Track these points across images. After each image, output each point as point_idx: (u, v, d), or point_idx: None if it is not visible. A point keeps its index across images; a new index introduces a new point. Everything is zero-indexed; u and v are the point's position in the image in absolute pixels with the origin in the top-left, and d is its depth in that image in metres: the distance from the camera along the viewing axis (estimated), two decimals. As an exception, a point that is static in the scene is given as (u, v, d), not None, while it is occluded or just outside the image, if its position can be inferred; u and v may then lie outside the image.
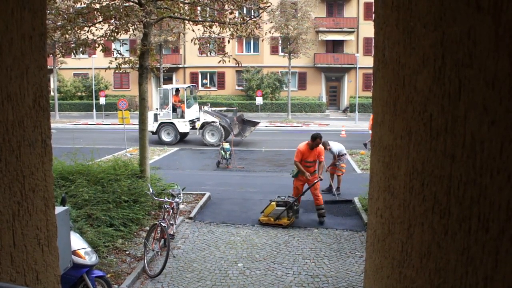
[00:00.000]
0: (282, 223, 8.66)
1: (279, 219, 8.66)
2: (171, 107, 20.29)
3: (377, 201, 1.72)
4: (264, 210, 8.83)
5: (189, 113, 20.47)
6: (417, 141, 1.19)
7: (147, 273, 6.54)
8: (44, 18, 1.78)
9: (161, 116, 20.23)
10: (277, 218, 8.66)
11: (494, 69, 0.79)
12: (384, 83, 1.57)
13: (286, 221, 8.66)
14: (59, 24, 9.71)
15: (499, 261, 0.78)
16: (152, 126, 19.97)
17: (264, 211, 8.80)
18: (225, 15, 10.46)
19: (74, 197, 7.75)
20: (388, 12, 1.48)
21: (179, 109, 20.46)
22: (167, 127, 20.17)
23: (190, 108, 20.67)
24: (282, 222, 8.66)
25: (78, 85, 37.75)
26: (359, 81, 35.05)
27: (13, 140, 1.56)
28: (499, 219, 0.78)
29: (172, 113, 20.23)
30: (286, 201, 8.73)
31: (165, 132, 20.19)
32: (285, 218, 8.67)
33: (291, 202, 8.70)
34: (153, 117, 20.03)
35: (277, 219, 8.67)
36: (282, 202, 8.71)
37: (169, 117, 20.14)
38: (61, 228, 3.61)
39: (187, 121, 20.26)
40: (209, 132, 19.67)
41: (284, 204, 8.67)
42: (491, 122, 0.81)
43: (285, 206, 8.65)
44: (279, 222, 8.66)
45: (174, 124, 20.12)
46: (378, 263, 1.69)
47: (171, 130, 20.15)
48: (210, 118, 19.72)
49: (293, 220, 8.83)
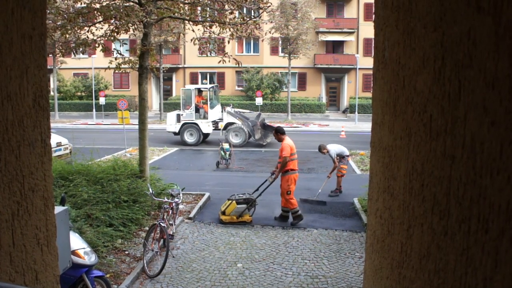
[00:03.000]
0: (245, 220, 8.91)
1: (242, 217, 8.89)
2: (194, 108, 20.03)
3: (376, 202, 1.72)
4: (224, 210, 8.98)
5: (212, 114, 20.22)
6: (417, 142, 1.19)
7: (146, 273, 6.54)
8: (44, 18, 1.78)
9: (184, 117, 19.93)
10: (240, 216, 8.88)
11: (494, 69, 0.79)
12: (384, 84, 1.57)
13: (249, 218, 8.93)
14: (59, 23, 9.71)
15: (498, 262, 0.78)
16: (175, 127, 19.85)
17: (226, 211, 8.96)
18: (225, 15, 10.46)
19: (73, 197, 7.75)
20: (388, 13, 1.48)
21: (202, 110, 20.17)
22: (190, 128, 19.92)
23: (213, 108, 20.43)
24: (245, 219, 8.91)
25: (78, 85, 37.75)
26: (359, 82, 35.07)
27: (12, 139, 1.56)
28: (499, 220, 0.78)
29: (195, 114, 19.98)
30: (246, 199, 8.94)
31: (188, 133, 19.93)
32: (247, 215, 8.92)
33: (252, 199, 8.91)
34: (175, 118, 19.89)
35: (240, 217, 8.88)
36: (242, 200, 8.93)
37: (192, 118, 19.90)
38: (61, 228, 3.61)
39: (210, 121, 20.04)
40: (233, 133, 19.46)
41: (245, 202, 8.89)
42: (491, 123, 0.81)
43: (246, 203, 8.87)
44: (242, 220, 8.89)
45: (198, 124, 19.85)
46: (378, 264, 1.69)
47: (194, 131, 19.90)
48: (232, 119, 19.57)
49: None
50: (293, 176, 8.83)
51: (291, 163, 8.79)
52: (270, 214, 9.34)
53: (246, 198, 8.97)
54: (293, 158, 8.81)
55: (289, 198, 8.80)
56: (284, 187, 8.85)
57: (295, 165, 8.87)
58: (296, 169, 8.91)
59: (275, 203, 9.88)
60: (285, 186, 8.82)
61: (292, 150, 8.80)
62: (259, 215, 9.34)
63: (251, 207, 8.95)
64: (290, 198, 8.80)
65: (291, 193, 8.79)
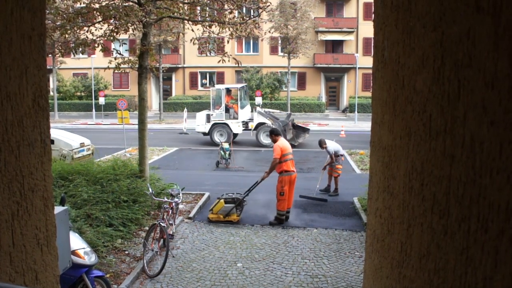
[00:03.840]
0: (232, 219, 8.89)
1: (229, 216, 8.89)
2: (224, 108, 19.78)
3: (376, 201, 1.72)
4: (212, 208, 9.00)
5: (242, 114, 20.02)
6: (417, 142, 1.19)
7: (146, 273, 6.54)
8: (44, 18, 1.78)
9: (214, 117, 19.68)
10: (227, 215, 8.88)
11: (493, 69, 0.79)
12: (384, 83, 1.57)
13: (236, 217, 8.91)
14: (58, 24, 9.71)
15: (498, 261, 0.78)
16: (204, 127, 19.68)
17: (213, 209, 8.98)
18: (224, 15, 10.46)
19: (73, 197, 7.75)
20: (388, 12, 1.48)
21: (232, 110, 19.96)
22: (220, 128, 19.70)
23: (243, 108, 20.23)
24: (232, 219, 8.90)
25: (77, 85, 37.72)
26: (359, 81, 35.06)
27: (12, 140, 1.56)
28: (499, 219, 0.78)
29: (225, 114, 19.74)
30: (234, 198, 8.94)
31: (218, 133, 19.72)
32: (234, 214, 8.91)
33: (240, 199, 8.90)
34: (205, 118, 19.73)
35: (227, 216, 8.88)
36: (230, 199, 8.94)
37: (222, 118, 19.69)
38: (60, 228, 3.61)
39: (240, 122, 19.86)
40: (264, 133, 19.16)
41: (233, 201, 8.88)
42: (491, 122, 0.81)
43: (233, 203, 8.85)
44: (229, 219, 8.89)
45: (228, 125, 19.62)
46: (378, 263, 1.69)
47: (224, 131, 19.67)
48: (263, 119, 19.38)
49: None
50: (287, 178, 8.77)
51: (285, 164, 8.74)
52: (270, 214, 9.34)
53: (234, 197, 8.97)
54: (286, 159, 8.76)
55: (281, 199, 8.79)
56: (278, 188, 8.85)
57: (289, 166, 8.79)
58: (290, 170, 8.79)
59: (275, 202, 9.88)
60: (279, 187, 8.82)
61: (284, 151, 8.75)
62: (260, 215, 9.35)
63: (239, 206, 8.93)
64: (282, 199, 8.78)
65: (284, 194, 8.77)
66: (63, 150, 12.55)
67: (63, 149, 12.60)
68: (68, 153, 12.58)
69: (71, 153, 12.66)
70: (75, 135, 14.27)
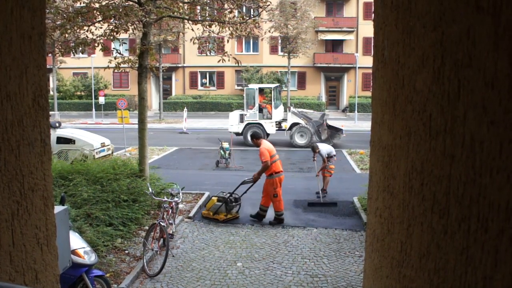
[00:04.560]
0: (219, 218, 8.94)
1: (217, 214, 8.95)
2: (258, 108, 19.74)
3: (376, 200, 1.72)
4: (206, 204, 9.11)
5: (275, 114, 19.81)
6: (417, 141, 1.19)
7: (146, 273, 6.54)
8: (44, 17, 1.78)
9: (248, 117, 19.53)
10: (215, 213, 8.94)
11: (493, 69, 0.79)
12: (384, 83, 1.57)
13: (223, 217, 8.93)
14: (58, 23, 9.70)
15: (498, 261, 0.78)
16: (238, 127, 19.54)
17: (206, 205, 9.09)
18: (224, 14, 10.46)
19: (73, 196, 7.75)
20: (388, 12, 1.48)
21: (265, 110, 19.78)
22: (253, 128, 19.29)
23: (277, 108, 20.06)
24: (218, 217, 8.95)
25: (77, 85, 37.73)
26: (359, 81, 35.06)
27: (12, 139, 1.56)
28: (499, 219, 0.78)
29: (258, 114, 19.57)
30: (223, 197, 9.00)
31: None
32: (222, 213, 8.94)
33: (226, 198, 8.94)
34: (238, 118, 19.61)
35: (215, 214, 8.95)
36: (221, 197, 8.99)
37: (256, 118, 19.51)
38: (60, 228, 3.61)
39: (273, 122, 19.62)
40: (298, 133, 19.11)
41: (223, 200, 8.93)
42: (491, 122, 0.81)
43: (222, 202, 8.91)
44: (216, 217, 8.96)
45: (262, 125, 19.36)
46: (377, 263, 1.69)
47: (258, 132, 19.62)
48: (297, 119, 19.22)
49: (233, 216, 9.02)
50: (278, 179, 8.78)
51: (273, 166, 8.74)
52: (271, 214, 9.34)
53: (223, 196, 9.03)
54: (275, 160, 8.77)
55: (275, 201, 8.80)
56: (270, 191, 8.81)
57: (277, 166, 8.80)
58: (279, 171, 8.80)
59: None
60: (271, 190, 8.79)
61: (271, 152, 8.77)
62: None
63: (228, 206, 8.93)
64: (277, 200, 8.79)
65: (278, 196, 8.77)
66: (84, 150, 12.45)
67: (85, 149, 12.50)
68: (90, 152, 12.49)
69: (93, 153, 12.56)
70: (95, 135, 14.22)
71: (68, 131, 13.92)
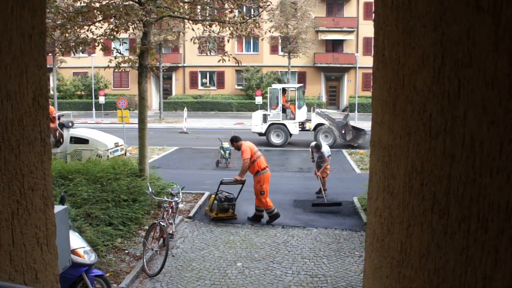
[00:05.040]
0: (210, 215, 9.10)
1: (211, 211, 9.11)
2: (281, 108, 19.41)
3: (376, 200, 1.72)
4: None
5: (299, 114, 19.61)
6: (417, 141, 1.19)
7: (146, 272, 6.54)
8: (44, 17, 1.78)
9: (271, 117, 19.31)
10: (210, 210, 9.11)
11: (493, 69, 0.79)
12: (384, 83, 1.57)
13: (213, 215, 9.03)
14: (58, 22, 9.70)
15: (498, 261, 0.78)
16: (261, 128, 19.35)
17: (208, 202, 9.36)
18: (225, 14, 10.46)
19: (73, 196, 7.75)
20: (388, 12, 1.48)
21: (288, 110, 19.59)
22: (277, 129, 19.35)
23: (300, 109, 19.89)
24: (210, 214, 9.11)
25: (77, 84, 37.72)
26: (359, 81, 35.05)
27: (12, 138, 1.56)
28: (499, 219, 0.78)
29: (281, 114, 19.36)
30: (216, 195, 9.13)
31: (274, 134, 19.35)
32: (214, 211, 9.05)
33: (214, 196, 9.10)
34: (261, 118, 19.44)
35: (210, 211, 9.12)
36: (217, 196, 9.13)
37: (279, 118, 19.29)
38: (60, 227, 3.61)
39: (297, 122, 19.44)
40: (323, 134, 18.85)
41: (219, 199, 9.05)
42: (491, 122, 0.81)
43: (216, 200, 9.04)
44: (209, 213, 9.15)
45: (285, 125, 19.25)
46: (377, 263, 1.69)
47: (281, 132, 19.34)
48: (321, 120, 19.05)
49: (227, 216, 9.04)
50: (263, 176, 8.79)
51: (257, 163, 8.76)
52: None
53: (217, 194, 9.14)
54: (256, 158, 8.78)
55: (263, 198, 8.80)
56: (257, 188, 8.83)
57: (261, 164, 8.81)
58: (263, 168, 8.80)
59: (277, 202, 9.88)
60: (258, 187, 8.81)
61: (252, 150, 8.81)
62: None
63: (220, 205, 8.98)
64: (264, 198, 8.79)
65: (264, 193, 8.79)
66: (98, 150, 12.35)
67: (99, 149, 12.38)
68: (104, 153, 12.39)
69: (107, 153, 12.48)
70: (109, 135, 14.13)
71: (82, 131, 13.84)
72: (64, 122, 13.29)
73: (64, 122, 13.29)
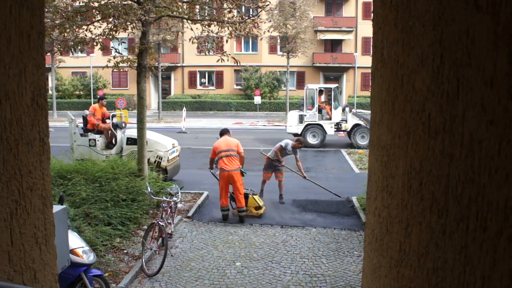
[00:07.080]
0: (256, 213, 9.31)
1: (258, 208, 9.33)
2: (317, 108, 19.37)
3: (375, 200, 1.72)
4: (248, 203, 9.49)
5: (335, 115, 19.50)
6: (415, 141, 1.19)
7: (145, 272, 6.54)
8: (43, 16, 1.77)
9: (307, 118, 19.24)
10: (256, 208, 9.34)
11: (492, 68, 0.79)
12: (383, 83, 1.57)
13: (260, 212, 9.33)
14: (57, 22, 9.69)
15: (497, 260, 0.78)
16: (297, 128, 19.22)
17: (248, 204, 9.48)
18: (223, 14, 10.46)
19: (72, 195, 7.74)
20: (387, 11, 1.48)
21: (324, 110, 19.49)
22: (313, 129, 19.22)
23: (336, 109, 19.76)
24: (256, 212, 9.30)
25: (76, 84, 37.69)
26: (358, 81, 35.08)
27: (10, 138, 1.56)
28: (497, 218, 0.78)
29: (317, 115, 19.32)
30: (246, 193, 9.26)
31: (311, 134, 19.26)
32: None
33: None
34: (297, 119, 19.37)
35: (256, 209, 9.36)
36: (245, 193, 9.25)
37: (315, 119, 19.23)
38: (59, 227, 3.61)
39: (333, 123, 19.32)
40: (360, 135, 18.76)
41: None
42: (490, 121, 0.81)
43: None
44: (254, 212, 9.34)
45: (322, 126, 19.18)
46: (376, 262, 1.70)
47: (318, 133, 19.23)
48: (357, 121, 18.90)
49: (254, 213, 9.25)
50: (222, 174, 8.93)
51: (219, 162, 8.94)
52: (270, 213, 9.34)
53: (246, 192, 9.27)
54: (220, 157, 8.91)
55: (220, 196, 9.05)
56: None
57: (222, 163, 8.90)
58: (223, 167, 8.86)
59: (275, 202, 9.89)
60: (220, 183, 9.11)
61: (217, 149, 8.97)
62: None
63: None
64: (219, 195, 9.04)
65: (219, 191, 9.03)
66: (159, 151, 12.14)
67: (159, 150, 12.15)
68: (164, 154, 12.20)
69: (167, 154, 12.28)
70: (165, 136, 13.94)
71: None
72: (117, 123, 13.11)
73: (117, 123, 13.11)
